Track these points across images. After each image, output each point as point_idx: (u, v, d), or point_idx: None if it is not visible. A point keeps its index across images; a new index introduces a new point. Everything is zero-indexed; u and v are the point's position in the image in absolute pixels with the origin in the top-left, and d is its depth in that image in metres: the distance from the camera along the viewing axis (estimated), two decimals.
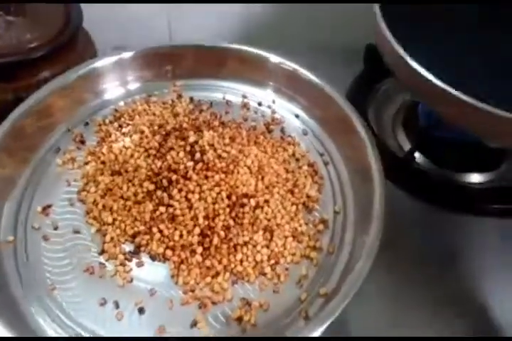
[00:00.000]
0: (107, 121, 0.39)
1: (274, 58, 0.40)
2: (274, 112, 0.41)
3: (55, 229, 0.33)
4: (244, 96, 0.42)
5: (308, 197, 0.35)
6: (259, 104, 0.42)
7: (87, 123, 0.39)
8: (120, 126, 0.39)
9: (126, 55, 0.41)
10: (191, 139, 0.35)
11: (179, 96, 0.42)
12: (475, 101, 0.29)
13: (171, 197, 0.33)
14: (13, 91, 0.47)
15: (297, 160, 0.38)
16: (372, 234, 0.30)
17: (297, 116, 0.41)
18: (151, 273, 0.31)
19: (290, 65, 0.40)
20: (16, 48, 0.46)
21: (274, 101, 0.42)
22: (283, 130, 0.40)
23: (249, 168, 0.34)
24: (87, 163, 0.36)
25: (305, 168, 0.37)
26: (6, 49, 0.46)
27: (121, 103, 0.41)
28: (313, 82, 0.39)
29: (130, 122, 0.39)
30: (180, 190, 0.33)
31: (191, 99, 0.41)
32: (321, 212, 0.35)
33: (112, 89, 0.41)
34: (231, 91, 0.42)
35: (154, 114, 0.39)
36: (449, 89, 0.30)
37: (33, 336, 0.27)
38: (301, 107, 0.41)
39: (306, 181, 0.36)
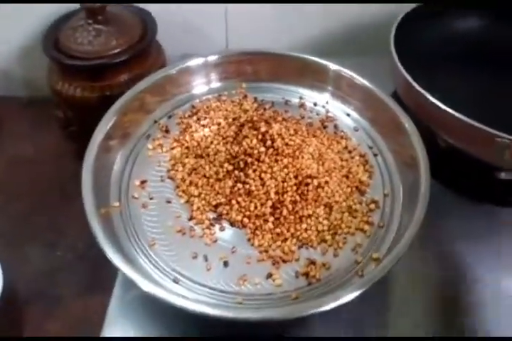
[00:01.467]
0: (186, 115, 0.47)
1: (332, 66, 0.47)
2: (327, 111, 0.48)
3: (151, 199, 0.40)
4: (301, 98, 0.49)
5: (360, 182, 0.41)
6: (315, 104, 0.48)
7: (170, 116, 0.46)
8: (198, 119, 0.46)
9: (210, 58, 0.48)
10: (262, 129, 0.41)
11: (245, 96, 0.49)
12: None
13: (246, 176, 0.39)
14: (99, 90, 0.55)
15: (349, 152, 0.44)
16: (418, 211, 0.36)
17: (348, 115, 0.47)
18: (231, 235, 0.38)
19: (347, 72, 0.46)
20: (102, 53, 0.55)
21: (327, 102, 0.48)
22: (336, 126, 0.46)
23: (311, 154, 0.41)
24: (173, 148, 0.43)
25: (357, 158, 0.43)
26: (95, 53, 0.54)
27: (197, 100, 0.48)
28: (367, 87, 0.45)
29: (207, 116, 0.46)
30: (254, 170, 0.39)
31: (255, 99, 0.48)
32: (372, 194, 0.40)
33: (192, 89, 0.48)
34: (289, 93, 0.49)
35: (227, 110, 0.46)
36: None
37: (141, 275, 0.33)
38: (352, 108, 0.47)
39: (358, 169, 0.42)
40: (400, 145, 0.42)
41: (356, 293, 0.31)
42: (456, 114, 0.39)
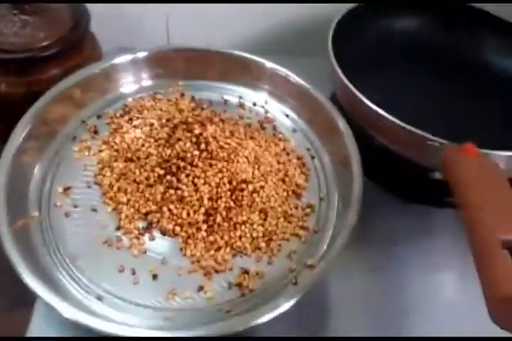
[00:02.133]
0: (118, 114, 0.44)
1: (268, 64, 0.46)
2: (266, 112, 0.47)
3: (75, 207, 0.37)
4: (240, 97, 0.47)
5: (297, 185, 0.40)
6: (254, 104, 0.47)
7: (99, 116, 0.43)
8: (130, 119, 0.43)
9: (140, 54, 0.45)
10: (196, 131, 0.40)
11: (182, 95, 0.47)
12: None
13: (179, 181, 0.37)
14: (25, 86, 0.51)
15: (287, 154, 0.43)
16: (351, 215, 0.35)
17: (287, 115, 0.46)
18: (162, 245, 0.36)
19: (282, 70, 0.46)
20: (30, 45, 0.50)
21: (266, 102, 0.47)
22: (275, 127, 0.45)
23: (247, 158, 0.39)
24: (101, 151, 0.41)
25: (294, 160, 0.42)
26: (21, 46, 0.50)
27: (130, 99, 0.46)
28: (302, 87, 0.45)
29: (139, 116, 0.43)
30: (187, 175, 0.37)
31: (193, 98, 0.46)
32: (309, 198, 0.40)
33: (123, 86, 0.45)
34: (228, 92, 0.48)
35: (161, 110, 0.44)
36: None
37: (61, 298, 0.30)
38: (290, 108, 0.46)
39: (295, 172, 0.41)
40: (336, 147, 0.42)
41: (290, 303, 0.31)
42: (390, 117, 0.39)
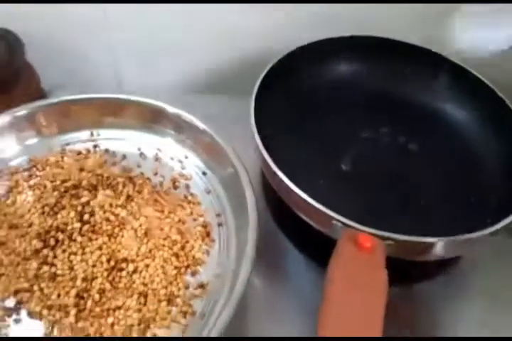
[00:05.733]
0: (21, 169, 0.41)
1: (185, 117, 0.42)
2: (183, 168, 0.43)
3: None
4: (158, 149, 0.44)
5: (194, 259, 0.37)
6: (171, 158, 0.44)
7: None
8: (30, 176, 0.41)
9: (46, 105, 0.43)
10: (83, 199, 0.37)
11: (95, 147, 0.44)
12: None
13: (55, 256, 0.34)
14: None
15: (194, 220, 0.39)
16: (231, 306, 0.31)
17: (205, 173, 0.43)
18: (27, 330, 0.33)
19: (199, 124, 0.42)
20: None
21: (186, 157, 0.44)
22: (188, 187, 0.42)
23: (135, 231, 0.36)
24: None
25: (198, 228, 0.39)
26: None
27: (39, 151, 0.43)
28: (218, 144, 0.40)
29: (39, 174, 0.41)
30: (64, 251, 0.34)
31: (106, 151, 0.43)
32: (203, 275, 0.36)
33: (28, 139, 0.43)
34: (146, 143, 0.44)
35: (63, 168, 0.41)
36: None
37: None
38: (208, 166, 0.43)
39: (195, 243, 0.38)
40: (241, 216, 0.38)
41: None
42: (302, 195, 0.35)
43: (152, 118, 0.44)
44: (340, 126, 0.45)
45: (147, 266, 0.35)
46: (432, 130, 0.46)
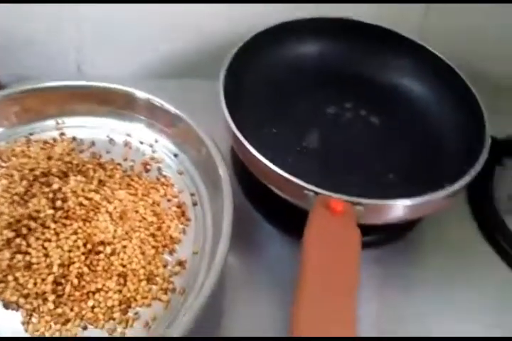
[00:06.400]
0: None
1: (157, 101, 0.42)
2: (154, 151, 0.43)
3: None
4: (128, 135, 0.44)
5: (171, 238, 0.37)
6: (141, 142, 0.43)
7: None
8: None
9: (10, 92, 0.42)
10: (55, 186, 0.36)
11: (62, 135, 0.43)
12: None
13: (28, 245, 0.34)
14: None
15: (168, 200, 0.39)
16: (212, 279, 0.31)
17: (176, 155, 0.43)
18: (4, 320, 0.32)
19: (170, 108, 0.42)
20: None
21: (156, 141, 0.44)
22: (160, 169, 0.42)
23: (110, 214, 0.36)
24: None
25: (173, 209, 0.39)
26: None
27: (3, 143, 0.42)
28: (189, 125, 0.40)
29: (4, 164, 0.40)
30: (37, 239, 0.34)
31: (74, 138, 0.43)
32: (182, 253, 0.36)
33: None
34: (115, 129, 0.44)
35: (30, 157, 0.40)
36: None
37: None
38: (179, 147, 0.43)
39: (171, 223, 0.38)
40: (215, 193, 0.38)
41: None
42: (275, 168, 0.35)
43: (121, 105, 0.43)
44: (306, 104, 0.46)
45: (125, 247, 0.35)
46: (394, 104, 0.48)
